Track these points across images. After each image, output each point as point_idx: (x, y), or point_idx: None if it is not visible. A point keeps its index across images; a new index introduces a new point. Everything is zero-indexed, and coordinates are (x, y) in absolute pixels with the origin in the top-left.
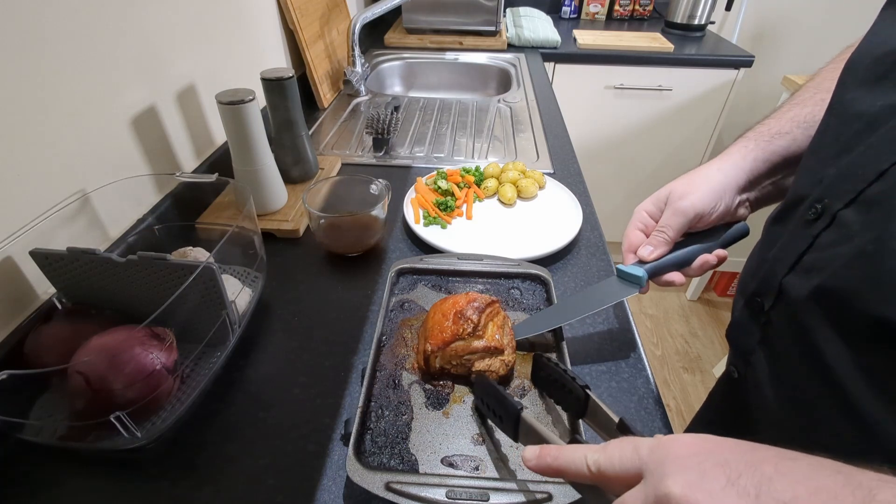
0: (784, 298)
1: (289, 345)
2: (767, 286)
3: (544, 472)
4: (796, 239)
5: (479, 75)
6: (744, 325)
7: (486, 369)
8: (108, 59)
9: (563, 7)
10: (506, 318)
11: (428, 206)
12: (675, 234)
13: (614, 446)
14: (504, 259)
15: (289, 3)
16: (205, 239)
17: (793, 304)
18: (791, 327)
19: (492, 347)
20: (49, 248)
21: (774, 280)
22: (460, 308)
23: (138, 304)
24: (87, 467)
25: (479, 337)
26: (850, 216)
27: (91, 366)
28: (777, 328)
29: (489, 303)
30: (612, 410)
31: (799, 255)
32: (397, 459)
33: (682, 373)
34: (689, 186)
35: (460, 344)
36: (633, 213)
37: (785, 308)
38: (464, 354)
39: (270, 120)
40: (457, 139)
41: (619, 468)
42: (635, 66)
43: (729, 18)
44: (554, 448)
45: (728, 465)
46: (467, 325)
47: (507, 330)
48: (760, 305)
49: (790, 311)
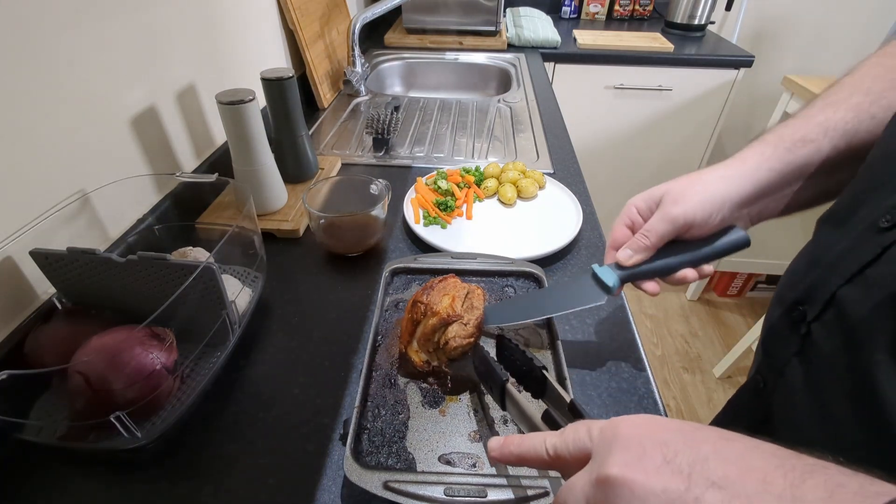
0: (835, 310)
1: (289, 345)
2: (816, 295)
3: (508, 460)
4: (862, 246)
5: (479, 75)
6: (782, 333)
7: (451, 338)
8: (108, 59)
9: (563, 7)
10: (470, 289)
11: (428, 206)
12: (657, 242)
13: (570, 430)
14: (498, 257)
15: (289, 3)
16: (205, 239)
17: (847, 318)
18: (838, 342)
19: (445, 317)
20: (49, 248)
21: (826, 289)
22: (414, 298)
23: (138, 304)
24: (87, 467)
25: (434, 314)
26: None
27: (91, 366)
28: (818, 340)
29: (439, 280)
30: (565, 392)
31: (862, 265)
32: (395, 458)
33: (682, 373)
34: (686, 192)
35: (420, 329)
36: (624, 207)
37: (835, 321)
38: (431, 337)
39: (270, 120)
40: (457, 139)
41: (574, 450)
42: (635, 66)
43: (729, 18)
44: (517, 437)
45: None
46: (420, 308)
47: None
48: (802, 314)
49: (841, 324)
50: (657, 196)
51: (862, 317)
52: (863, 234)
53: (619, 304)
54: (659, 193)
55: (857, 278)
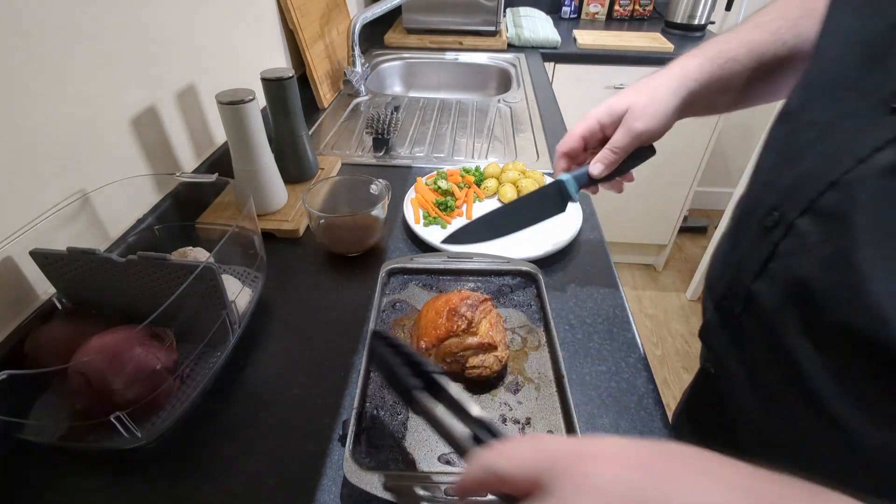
0: (754, 305)
1: (289, 345)
2: (735, 292)
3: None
4: (758, 246)
5: (479, 75)
6: (715, 327)
7: (479, 365)
8: (108, 59)
9: (563, 7)
10: (498, 315)
11: (428, 206)
12: (623, 156)
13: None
14: (494, 257)
15: (289, 3)
16: (205, 239)
17: (764, 310)
18: (763, 332)
19: (485, 344)
20: (49, 248)
21: (742, 287)
22: (454, 305)
23: (138, 304)
24: (87, 467)
25: (472, 333)
26: (807, 225)
27: (91, 366)
28: (749, 332)
29: (482, 300)
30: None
31: (763, 262)
32: (395, 459)
33: (682, 373)
34: (647, 108)
35: (454, 341)
36: (584, 118)
37: (756, 313)
38: (458, 351)
39: (270, 120)
40: (457, 139)
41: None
42: (635, 66)
43: (729, 18)
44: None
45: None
46: (461, 322)
47: (500, 327)
48: (730, 309)
49: (761, 316)
50: (620, 111)
51: (774, 307)
52: (758, 234)
53: (619, 303)
54: (622, 108)
55: (763, 274)
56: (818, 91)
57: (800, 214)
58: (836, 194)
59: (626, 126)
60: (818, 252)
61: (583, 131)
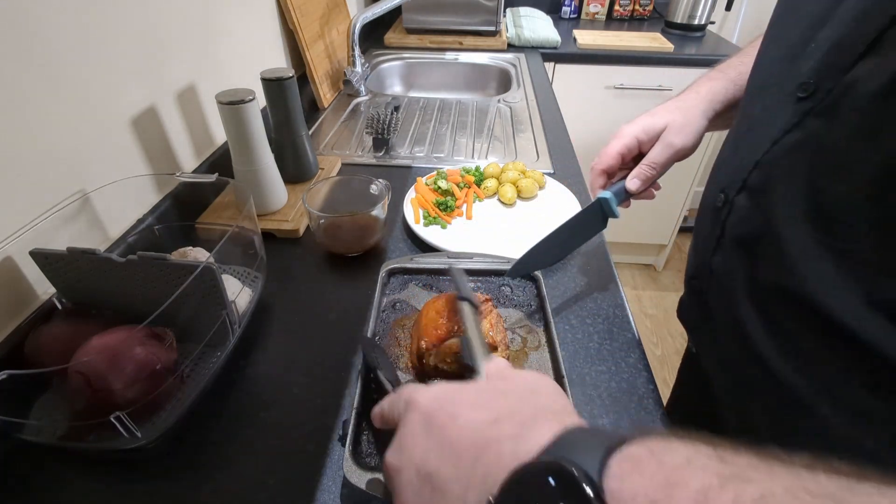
0: (713, 277)
1: (289, 345)
2: (701, 270)
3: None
4: (713, 225)
5: (479, 75)
6: (689, 306)
7: None
8: (108, 59)
9: (563, 7)
10: (498, 315)
11: (428, 206)
12: (661, 172)
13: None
14: (494, 257)
15: (289, 3)
16: (205, 239)
17: (721, 282)
18: (722, 304)
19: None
20: (49, 248)
21: (705, 264)
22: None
23: (138, 304)
24: (87, 467)
25: None
26: (742, 201)
27: (91, 366)
28: (713, 306)
29: (482, 300)
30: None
31: (717, 239)
32: None
33: None
34: (685, 126)
35: (455, 341)
36: (620, 134)
37: (717, 287)
38: (458, 352)
39: (270, 120)
40: (457, 139)
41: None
42: (635, 66)
43: (729, 18)
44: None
45: None
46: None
47: (500, 327)
48: (699, 287)
49: (720, 288)
50: (658, 128)
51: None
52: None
53: (619, 303)
54: (660, 125)
55: (717, 249)
56: (755, 90)
57: (737, 193)
58: (759, 172)
59: (665, 142)
60: (750, 223)
61: (621, 148)
